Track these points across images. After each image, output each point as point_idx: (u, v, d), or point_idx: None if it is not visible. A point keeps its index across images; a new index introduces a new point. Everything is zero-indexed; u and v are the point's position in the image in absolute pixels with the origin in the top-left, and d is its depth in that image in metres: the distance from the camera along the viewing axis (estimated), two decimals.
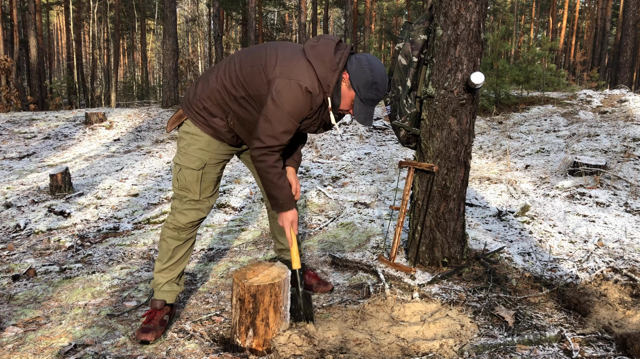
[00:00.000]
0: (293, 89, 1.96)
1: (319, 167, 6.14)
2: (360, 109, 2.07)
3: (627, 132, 6.11)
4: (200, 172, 2.23)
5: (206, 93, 2.15)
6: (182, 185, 2.24)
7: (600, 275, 2.80)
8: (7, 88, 13.83)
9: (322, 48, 2.04)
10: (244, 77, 2.07)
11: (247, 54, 2.13)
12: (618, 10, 25.11)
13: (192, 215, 2.27)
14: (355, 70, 2.03)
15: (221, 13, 21.30)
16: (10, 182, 5.74)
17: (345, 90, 2.08)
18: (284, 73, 1.98)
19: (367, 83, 2.02)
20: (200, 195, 2.26)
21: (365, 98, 2.05)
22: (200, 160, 2.21)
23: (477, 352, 2.05)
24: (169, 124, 2.31)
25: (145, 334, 2.16)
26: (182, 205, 2.26)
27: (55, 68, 37.83)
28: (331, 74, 2.02)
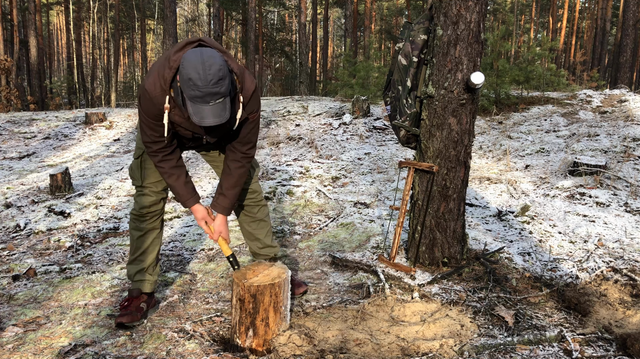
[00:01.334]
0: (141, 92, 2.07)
1: (319, 167, 6.14)
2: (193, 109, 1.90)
3: (627, 132, 6.11)
4: (139, 159, 2.40)
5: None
6: (131, 174, 2.45)
7: (600, 275, 2.80)
8: (7, 88, 13.83)
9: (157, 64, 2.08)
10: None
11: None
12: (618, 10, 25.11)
13: (141, 201, 2.41)
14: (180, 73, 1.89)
15: (221, 13, 21.29)
16: (10, 182, 5.74)
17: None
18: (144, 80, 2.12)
19: (185, 82, 1.85)
20: (143, 182, 2.41)
21: (189, 96, 1.87)
22: (140, 149, 2.38)
23: (477, 352, 2.05)
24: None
25: (121, 318, 2.30)
26: (135, 192, 2.45)
27: (55, 68, 37.84)
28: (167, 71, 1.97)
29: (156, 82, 2.01)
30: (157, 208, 2.47)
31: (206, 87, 1.84)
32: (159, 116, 2.05)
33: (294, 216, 4.37)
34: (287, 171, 5.94)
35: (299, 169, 6.01)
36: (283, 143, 7.65)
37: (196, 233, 3.94)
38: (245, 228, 2.69)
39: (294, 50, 26.17)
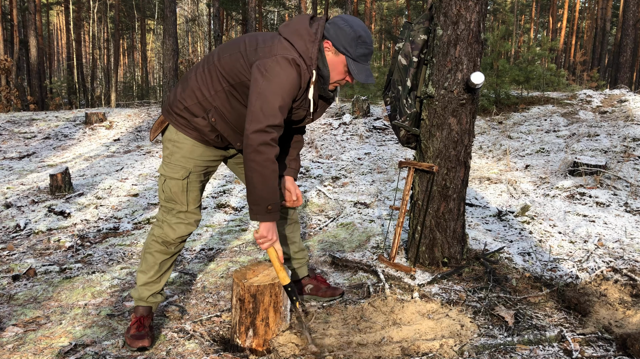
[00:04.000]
0: (281, 63, 1.88)
1: (319, 167, 6.14)
2: (357, 69, 1.98)
3: (627, 132, 6.11)
4: (185, 181, 2.13)
5: (187, 92, 2.08)
6: (168, 197, 2.14)
7: (600, 275, 2.80)
8: (7, 88, 13.83)
9: (295, 24, 1.99)
10: (223, 67, 2.01)
11: (225, 47, 2.09)
12: (618, 10, 25.11)
13: (182, 230, 2.18)
14: (335, 33, 1.97)
15: (221, 13, 21.30)
16: (10, 182, 5.74)
17: (332, 58, 2.00)
18: (267, 53, 1.92)
19: (353, 40, 1.94)
20: (188, 206, 2.17)
21: (357, 55, 1.97)
22: (184, 168, 2.12)
23: (477, 352, 2.05)
24: (151, 132, 2.22)
25: (141, 341, 2.11)
26: (171, 218, 2.17)
27: (55, 68, 37.84)
28: (311, 45, 1.95)
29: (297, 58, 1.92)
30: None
31: (371, 45, 1.96)
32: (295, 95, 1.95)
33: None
34: None
35: None
36: None
37: (196, 233, 3.94)
38: (282, 232, 2.51)
39: None
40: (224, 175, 6.01)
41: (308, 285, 2.58)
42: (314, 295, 2.56)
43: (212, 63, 2.05)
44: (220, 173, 6.15)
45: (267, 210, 1.96)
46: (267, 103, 1.86)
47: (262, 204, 1.95)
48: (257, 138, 1.86)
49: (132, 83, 27.70)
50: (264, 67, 1.88)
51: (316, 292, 2.57)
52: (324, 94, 2.10)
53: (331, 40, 1.97)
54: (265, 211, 1.96)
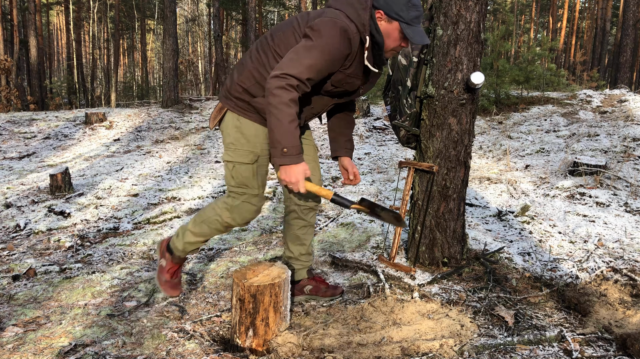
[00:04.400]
0: (327, 24, 1.88)
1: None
2: (413, 32, 1.99)
3: (627, 132, 6.11)
4: (255, 165, 2.15)
5: (244, 75, 2.09)
6: (240, 182, 2.16)
7: (600, 275, 2.80)
8: (7, 88, 13.83)
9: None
10: (278, 45, 2.02)
11: (277, 27, 2.11)
12: (618, 10, 25.11)
13: (251, 215, 2.23)
14: (385, 1, 1.98)
15: (221, 13, 21.30)
16: (10, 182, 5.74)
17: (386, 26, 2.01)
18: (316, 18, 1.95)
19: (404, 5, 1.96)
20: (259, 190, 2.20)
21: (411, 18, 1.98)
22: (253, 153, 2.14)
23: (477, 352, 2.05)
24: (210, 120, 2.23)
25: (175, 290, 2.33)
26: (242, 203, 2.19)
27: (55, 68, 37.84)
28: (362, 12, 1.96)
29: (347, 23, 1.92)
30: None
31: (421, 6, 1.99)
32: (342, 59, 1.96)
33: None
34: None
35: None
36: None
37: None
38: (294, 232, 2.50)
39: None
40: (223, 175, 6.01)
41: (307, 286, 2.58)
42: (313, 295, 2.57)
43: (266, 44, 2.06)
44: (220, 173, 6.15)
45: (283, 152, 1.95)
46: (298, 55, 1.88)
47: (277, 147, 1.94)
48: (275, 83, 1.87)
49: (132, 83, 27.70)
50: (312, 27, 1.90)
51: (316, 292, 2.57)
52: (380, 62, 2.10)
53: (382, 9, 1.98)
54: (280, 154, 1.95)
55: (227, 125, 2.17)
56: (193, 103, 10.97)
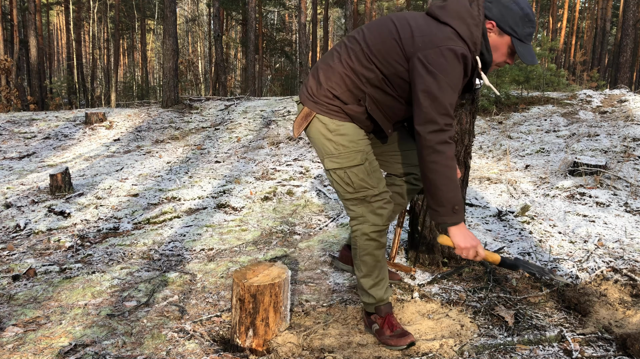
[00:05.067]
0: (447, 57, 1.73)
1: (319, 166, 6.14)
2: (524, 50, 1.81)
3: (627, 132, 6.11)
4: (367, 163, 1.99)
5: (333, 80, 1.93)
6: (359, 186, 1.99)
7: (600, 275, 2.80)
8: (7, 88, 13.83)
9: (454, 4, 1.81)
10: (375, 55, 1.85)
11: (371, 31, 1.91)
12: (618, 10, 25.11)
13: (386, 210, 2.03)
14: (500, 12, 1.79)
15: (221, 13, 21.30)
16: (10, 182, 5.74)
17: (496, 39, 1.84)
18: (428, 43, 1.75)
19: (520, 19, 1.78)
20: (379, 186, 2.01)
21: (525, 34, 1.80)
22: (360, 152, 1.97)
23: (477, 352, 2.05)
24: (295, 127, 2.03)
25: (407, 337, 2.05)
26: (369, 206, 2.01)
27: (55, 68, 37.84)
28: (475, 29, 1.78)
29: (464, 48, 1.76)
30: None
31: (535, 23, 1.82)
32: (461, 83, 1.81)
33: (294, 216, 4.37)
34: (287, 171, 5.94)
35: (299, 169, 6.01)
36: (283, 143, 7.65)
37: (196, 233, 3.94)
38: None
39: (294, 50, 26.17)
40: (224, 175, 6.01)
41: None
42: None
43: (359, 49, 1.90)
44: (220, 173, 6.15)
45: (454, 210, 1.82)
46: (438, 101, 1.74)
47: (447, 205, 1.81)
48: (435, 138, 1.75)
49: (132, 83, 27.70)
50: (428, 60, 1.74)
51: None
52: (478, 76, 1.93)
53: (495, 20, 1.81)
54: (452, 212, 1.82)
55: (320, 130, 1.99)
56: (193, 103, 10.97)
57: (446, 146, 1.76)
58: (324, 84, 1.95)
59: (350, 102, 1.94)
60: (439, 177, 1.78)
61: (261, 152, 7.24)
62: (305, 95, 2.02)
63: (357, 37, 1.94)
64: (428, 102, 1.74)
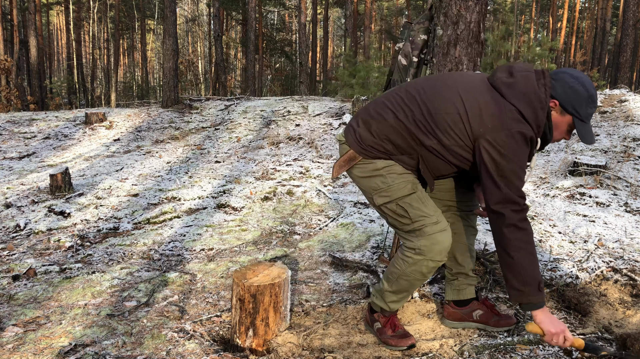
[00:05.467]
0: (517, 139, 1.75)
1: (319, 166, 6.14)
2: (585, 131, 1.81)
3: (627, 132, 6.11)
4: (419, 192, 1.96)
5: (387, 134, 1.91)
6: (415, 215, 1.92)
7: (600, 275, 2.80)
8: (7, 88, 13.84)
9: (522, 85, 1.79)
10: (437, 125, 1.84)
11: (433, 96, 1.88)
12: (618, 10, 25.12)
13: (446, 237, 1.94)
14: (565, 92, 1.79)
15: (221, 13, 21.30)
16: (10, 182, 5.74)
17: (557, 118, 1.83)
18: (498, 125, 1.76)
19: (584, 100, 1.78)
20: (436, 213, 1.96)
21: (587, 115, 1.80)
22: (409, 182, 1.95)
23: (477, 352, 2.05)
24: (336, 168, 2.02)
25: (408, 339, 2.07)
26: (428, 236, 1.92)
27: (55, 68, 37.84)
28: (540, 113, 1.78)
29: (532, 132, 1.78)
30: None
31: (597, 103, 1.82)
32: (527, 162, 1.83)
33: (294, 216, 4.37)
34: (287, 171, 5.94)
35: (299, 169, 6.01)
36: (283, 143, 7.65)
37: (196, 233, 3.94)
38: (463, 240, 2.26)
39: (294, 50, 26.17)
40: (224, 175, 6.01)
41: (477, 310, 2.27)
42: (482, 323, 2.25)
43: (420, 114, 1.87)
44: (221, 173, 6.15)
45: (540, 288, 1.79)
46: (512, 183, 1.77)
47: (533, 284, 1.79)
48: (517, 216, 1.78)
49: (132, 83, 27.70)
50: (499, 143, 1.75)
51: (486, 321, 2.24)
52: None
53: (559, 100, 1.80)
54: (538, 291, 1.79)
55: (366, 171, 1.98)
56: (193, 103, 10.97)
57: (527, 223, 1.79)
58: (376, 136, 1.94)
59: (402, 155, 1.95)
60: (524, 255, 1.78)
61: (261, 152, 7.24)
62: (352, 139, 1.99)
63: (417, 98, 1.90)
64: (503, 183, 1.77)
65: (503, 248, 1.81)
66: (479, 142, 1.79)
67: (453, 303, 2.29)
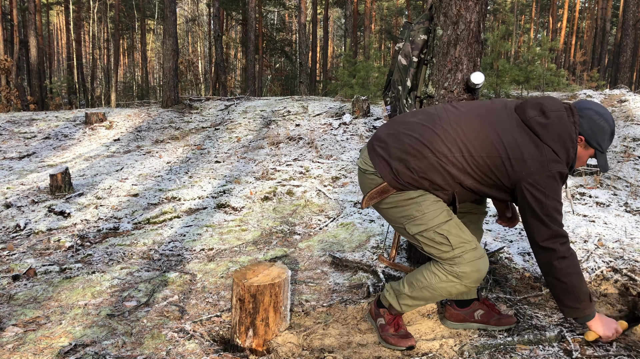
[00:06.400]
0: (557, 179, 1.86)
1: (319, 166, 6.14)
2: (603, 160, 1.96)
3: (627, 132, 6.11)
4: (454, 218, 1.99)
5: (425, 172, 1.93)
6: (455, 242, 1.93)
7: (600, 275, 2.80)
8: (7, 88, 13.83)
9: (557, 127, 1.88)
10: (478, 167, 1.90)
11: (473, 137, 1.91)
12: (618, 10, 25.12)
13: (484, 264, 1.96)
14: (591, 128, 1.91)
15: (221, 13, 21.30)
16: (10, 182, 5.74)
17: (582, 151, 1.97)
18: (538, 168, 1.85)
19: (609, 136, 1.93)
20: (472, 238, 1.99)
21: (607, 147, 1.96)
22: (443, 209, 1.97)
23: (477, 352, 2.05)
24: (366, 200, 2.03)
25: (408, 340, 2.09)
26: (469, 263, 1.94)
27: (55, 68, 37.83)
28: (572, 152, 1.90)
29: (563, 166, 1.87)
30: None
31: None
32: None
33: (294, 216, 4.37)
34: (287, 171, 5.94)
35: (299, 169, 6.01)
36: (283, 143, 7.65)
37: (196, 233, 3.94)
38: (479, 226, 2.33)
39: (294, 50, 26.17)
40: (224, 175, 6.01)
41: (478, 310, 2.29)
42: (484, 323, 2.27)
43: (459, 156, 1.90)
44: (221, 173, 6.15)
45: (591, 299, 1.96)
46: (556, 219, 1.88)
47: (585, 299, 1.94)
48: (564, 248, 1.89)
49: (132, 83, 27.70)
50: (542, 185, 1.85)
51: (487, 320, 2.27)
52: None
53: (585, 136, 1.92)
54: (590, 302, 1.95)
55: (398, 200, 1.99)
56: (193, 103, 10.97)
57: (572, 250, 1.91)
58: (414, 174, 1.94)
59: (437, 191, 1.98)
60: (574, 277, 1.90)
61: (261, 152, 7.24)
62: (387, 172, 1.97)
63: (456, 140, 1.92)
64: (549, 221, 1.87)
65: (554, 277, 1.93)
66: (520, 184, 1.88)
67: (455, 304, 2.30)
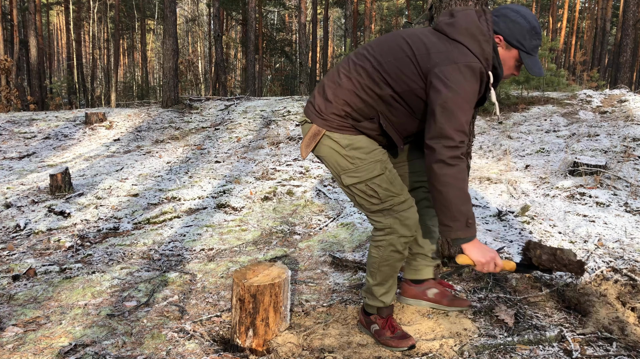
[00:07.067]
0: (464, 72, 1.73)
1: (319, 166, 6.14)
2: (532, 62, 1.83)
3: (627, 132, 6.11)
4: (387, 172, 1.95)
5: (343, 98, 1.89)
6: (384, 195, 1.93)
7: (600, 275, 2.80)
8: (7, 88, 13.83)
9: (463, 22, 1.80)
10: (388, 73, 1.82)
11: (381, 48, 1.88)
12: (618, 10, 25.12)
13: (412, 215, 1.96)
14: (507, 26, 1.82)
15: (221, 13, 21.30)
16: (10, 182, 5.74)
17: (503, 53, 1.86)
18: (445, 59, 1.75)
19: (527, 32, 1.80)
20: (404, 193, 1.96)
21: (532, 47, 1.82)
22: (378, 161, 1.94)
23: (477, 352, 2.05)
24: (303, 148, 1.98)
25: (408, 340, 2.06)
26: (396, 214, 1.95)
27: (55, 68, 37.83)
28: (486, 46, 1.79)
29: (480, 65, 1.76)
30: None
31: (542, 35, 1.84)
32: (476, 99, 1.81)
33: (294, 216, 4.37)
34: (287, 171, 5.94)
35: (299, 169, 6.01)
36: (283, 143, 7.65)
37: (196, 233, 3.94)
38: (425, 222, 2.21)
39: (294, 50, 26.17)
40: (224, 175, 6.01)
41: (432, 288, 2.26)
42: (436, 303, 2.25)
43: (370, 67, 1.86)
44: (221, 173, 6.15)
45: (468, 224, 1.79)
46: (454, 117, 1.73)
47: (461, 219, 1.78)
48: (449, 153, 1.74)
49: (132, 83, 27.71)
50: (446, 76, 1.74)
51: (440, 299, 2.25)
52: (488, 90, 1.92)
53: (503, 35, 1.83)
54: (466, 227, 1.78)
55: (332, 147, 1.94)
56: (193, 103, 10.97)
57: (458, 160, 1.75)
58: (333, 102, 1.91)
59: (363, 119, 1.92)
60: (451, 190, 1.75)
61: (261, 152, 7.24)
62: (312, 113, 1.97)
63: (366, 55, 1.90)
64: (445, 117, 1.74)
65: (432, 184, 1.79)
66: (428, 77, 1.78)
67: (410, 280, 2.29)
